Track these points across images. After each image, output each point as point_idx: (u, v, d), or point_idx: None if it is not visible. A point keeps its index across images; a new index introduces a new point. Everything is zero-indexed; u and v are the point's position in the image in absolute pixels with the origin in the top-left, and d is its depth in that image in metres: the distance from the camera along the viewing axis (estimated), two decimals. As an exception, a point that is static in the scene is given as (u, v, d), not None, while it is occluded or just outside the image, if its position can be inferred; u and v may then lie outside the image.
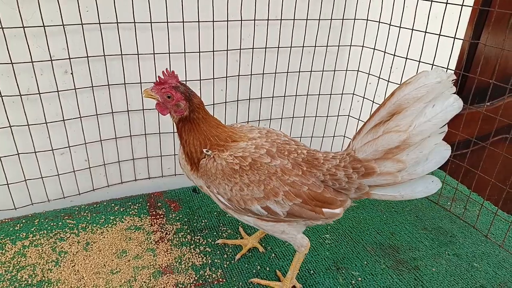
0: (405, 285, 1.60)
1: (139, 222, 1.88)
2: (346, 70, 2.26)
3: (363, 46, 2.19)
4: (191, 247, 1.74)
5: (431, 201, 2.15)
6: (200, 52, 1.92)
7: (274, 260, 1.70)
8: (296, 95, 2.24)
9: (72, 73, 1.78)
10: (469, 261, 1.74)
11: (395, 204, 2.10)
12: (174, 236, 1.80)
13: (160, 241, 1.77)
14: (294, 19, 2.01)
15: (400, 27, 2.00)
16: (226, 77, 2.04)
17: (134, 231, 1.82)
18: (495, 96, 2.82)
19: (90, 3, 1.69)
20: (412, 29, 1.96)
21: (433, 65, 1.93)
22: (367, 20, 2.13)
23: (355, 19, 2.13)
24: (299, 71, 2.18)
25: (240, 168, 1.33)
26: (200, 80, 1.98)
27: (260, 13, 1.95)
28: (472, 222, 1.98)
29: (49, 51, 1.69)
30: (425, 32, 1.92)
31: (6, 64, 1.63)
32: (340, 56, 2.21)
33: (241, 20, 1.92)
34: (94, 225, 1.85)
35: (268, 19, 1.96)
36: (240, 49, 2.00)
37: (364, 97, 2.28)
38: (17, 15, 1.57)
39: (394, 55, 2.06)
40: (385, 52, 2.10)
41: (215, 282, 1.57)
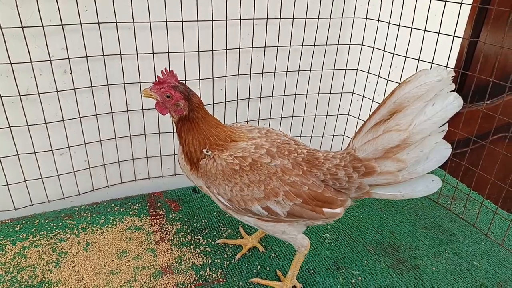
0: (405, 284, 1.60)
1: (139, 222, 1.88)
2: (346, 69, 2.25)
3: (362, 45, 2.19)
4: (191, 247, 1.74)
5: (431, 200, 2.15)
6: (199, 52, 1.92)
7: (274, 260, 1.70)
8: (296, 94, 2.24)
9: (71, 73, 1.78)
10: (469, 260, 1.75)
11: (395, 203, 2.10)
12: (174, 236, 1.80)
13: (160, 241, 1.77)
14: (293, 18, 2.01)
15: (399, 26, 2.00)
16: (226, 77, 2.04)
17: (134, 231, 1.82)
18: (495, 94, 2.82)
19: (89, 3, 1.68)
20: (411, 28, 1.96)
21: (433, 64, 1.93)
22: (366, 19, 2.13)
23: (354, 18, 2.13)
24: (299, 70, 2.17)
25: (240, 169, 1.33)
26: (200, 80, 1.98)
27: (259, 12, 1.94)
28: (472, 221, 1.98)
29: (48, 51, 1.68)
30: (424, 30, 1.92)
31: (5, 65, 1.63)
32: (340, 55, 2.21)
33: (240, 19, 1.92)
34: (94, 226, 1.85)
35: (267, 18, 1.96)
36: (239, 48, 2.00)
37: (364, 96, 2.28)
38: (16, 15, 1.57)
39: (394, 54, 2.06)
40: (385, 51, 2.10)
41: (215, 282, 1.57)
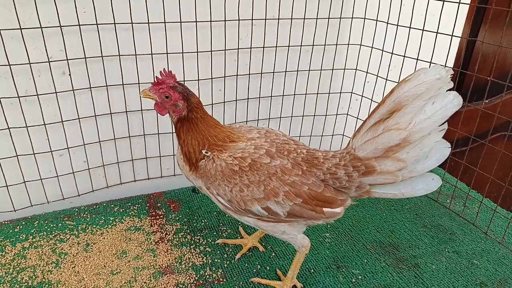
0: (405, 283, 1.60)
1: (139, 223, 1.88)
2: (344, 69, 2.26)
3: (361, 45, 2.19)
4: (191, 247, 1.74)
5: (431, 199, 2.15)
6: (198, 52, 1.92)
7: (275, 259, 1.70)
8: (295, 94, 2.24)
9: (70, 74, 1.78)
10: (469, 258, 1.75)
11: (395, 202, 2.10)
12: (174, 236, 1.80)
13: (160, 242, 1.77)
14: (292, 18, 2.01)
15: (398, 25, 2.00)
16: (224, 77, 2.04)
17: (134, 232, 1.82)
18: (493, 94, 2.83)
19: (87, 4, 1.68)
20: (410, 27, 1.97)
21: (431, 63, 1.93)
22: (365, 19, 2.13)
23: (353, 18, 2.13)
24: (297, 70, 2.18)
25: (240, 169, 1.33)
26: (198, 80, 1.98)
27: (258, 13, 1.94)
28: (472, 219, 1.99)
29: (47, 53, 1.68)
30: (423, 30, 1.92)
31: (4, 66, 1.63)
32: (338, 55, 2.21)
33: (239, 20, 1.92)
34: (94, 226, 1.85)
35: (266, 19, 1.96)
36: (238, 49, 2.00)
37: (363, 96, 2.28)
38: (14, 17, 1.57)
39: (392, 53, 2.06)
40: (383, 51, 2.10)
41: (216, 282, 1.57)
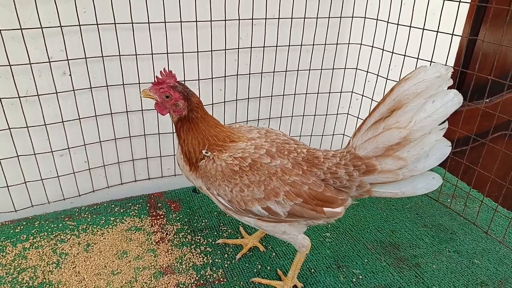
0: (406, 283, 1.60)
1: (140, 223, 1.88)
2: (345, 68, 2.26)
3: (361, 44, 2.19)
4: (192, 247, 1.74)
5: (431, 198, 2.15)
6: (198, 52, 1.92)
7: (275, 259, 1.70)
8: (295, 94, 2.24)
9: (71, 75, 1.78)
10: (470, 258, 1.75)
11: (395, 202, 2.10)
12: (175, 237, 1.80)
13: (161, 242, 1.77)
14: (292, 18, 2.01)
15: (398, 25, 2.00)
16: (225, 77, 2.04)
17: (135, 232, 1.82)
18: (494, 93, 2.82)
19: (88, 4, 1.68)
20: (410, 26, 1.96)
21: (432, 62, 1.93)
22: (365, 18, 2.13)
23: (353, 17, 2.13)
24: (298, 70, 2.17)
25: (240, 169, 1.33)
26: (199, 80, 1.98)
27: (258, 12, 1.94)
28: (472, 219, 1.98)
29: (47, 53, 1.68)
30: (423, 29, 1.92)
31: (4, 66, 1.63)
32: (339, 54, 2.21)
33: (239, 20, 1.92)
34: (95, 227, 1.85)
35: (266, 18, 1.96)
36: (238, 49, 2.00)
37: (363, 95, 2.28)
38: (15, 17, 1.57)
39: (393, 53, 2.06)
40: (383, 50, 2.10)
41: (216, 282, 1.57)
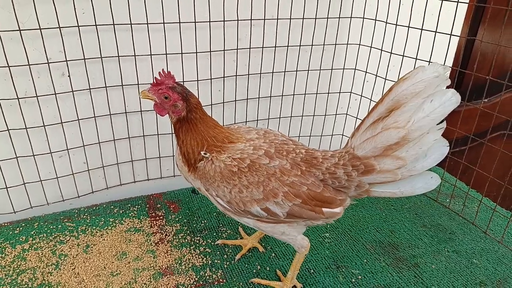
0: (405, 283, 1.60)
1: (139, 224, 1.88)
2: (344, 69, 2.26)
3: (360, 45, 2.19)
4: (191, 248, 1.74)
5: (430, 199, 2.15)
6: (197, 53, 1.92)
7: (274, 260, 1.70)
8: (294, 94, 2.24)
9: (69, 76, 1.78)
10: (469, 258, 1.75)
11: (394, 202, 2.11)
12: (174, 237, 1.80)
13: (160, 243, 1.77)
14: (291, 18, 2.01)
15: (397, 25, 2.01)
16: (224, 77, 2.04)
17: (134, 233, 1.82)
18: (492, 93, 2.83)
19: (86, 5, 1.68)
20: (409, 27, 1.97)
21: (430, 63, 1.93)
22: (364, 18, 2.13)
23: (352, 17, 2.13)
24: (297, 70, 2.18)
25: (239, 170, 1.33)
26: (198, 81, 1.98)
27: (257, 13, 1.94)
28: (471, 219, 1.99)
29: (46, 54, 1.68)
30: (422, 30, 1.92)
31: (3, 68, 1.63)
32: (337, 55, 2.21)
33: (238, 20, 1.92)
34: (94, 228, 1.85)
35: (265, 19, 1.97)
36: (237, 49, 2.00)
37: (362, 96, 2.28)
38: (13, 18, 1.57)
39: (391, 53, 2.06)
40: (382, 50, 2.10)
41: (216, 283, 1.57)
